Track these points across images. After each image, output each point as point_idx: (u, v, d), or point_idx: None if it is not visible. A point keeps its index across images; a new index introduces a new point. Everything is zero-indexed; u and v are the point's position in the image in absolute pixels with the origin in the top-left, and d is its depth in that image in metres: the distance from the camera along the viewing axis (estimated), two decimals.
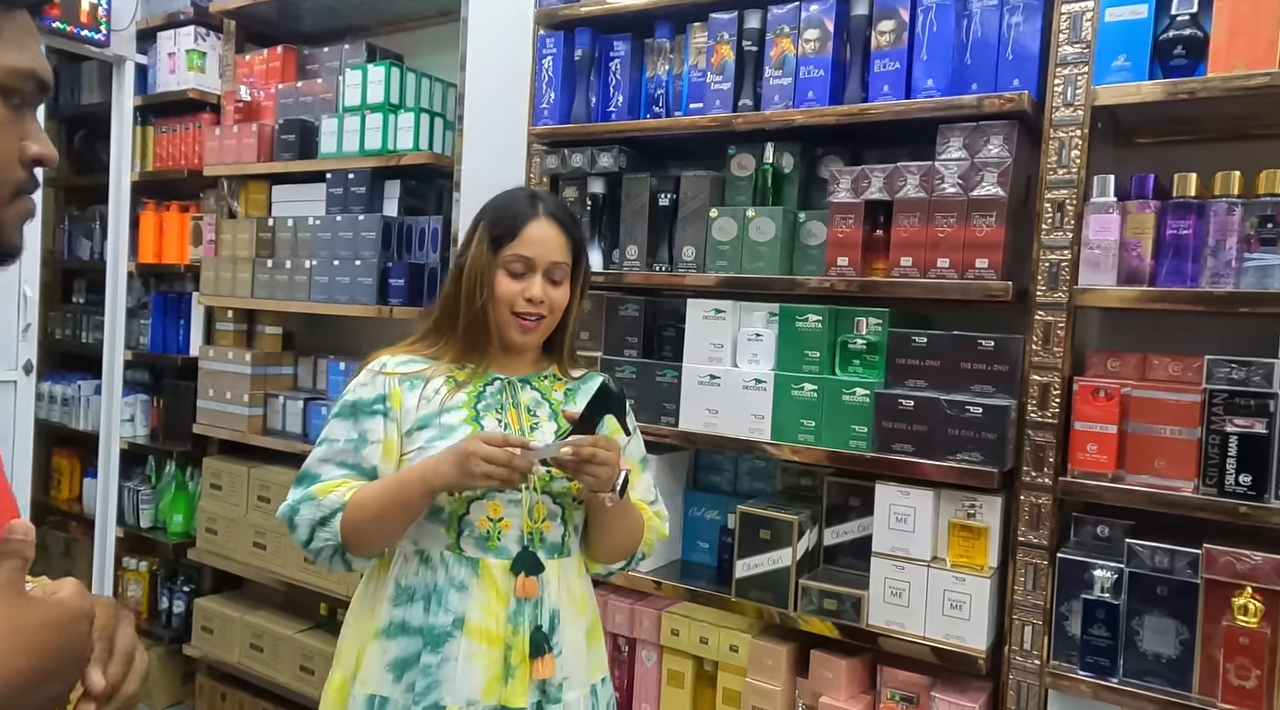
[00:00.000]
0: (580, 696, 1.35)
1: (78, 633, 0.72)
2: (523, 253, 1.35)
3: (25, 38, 0.73)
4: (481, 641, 1.28)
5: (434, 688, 1.27)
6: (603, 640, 1.47)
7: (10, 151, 0.73)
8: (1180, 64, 1.47)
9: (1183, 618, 1.48)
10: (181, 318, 3.34)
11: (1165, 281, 1.50)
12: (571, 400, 1.42)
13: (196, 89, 3.21)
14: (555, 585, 1.33)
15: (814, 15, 1.80)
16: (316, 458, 1.35)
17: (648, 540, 1.49)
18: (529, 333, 1.37)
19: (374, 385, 1.36)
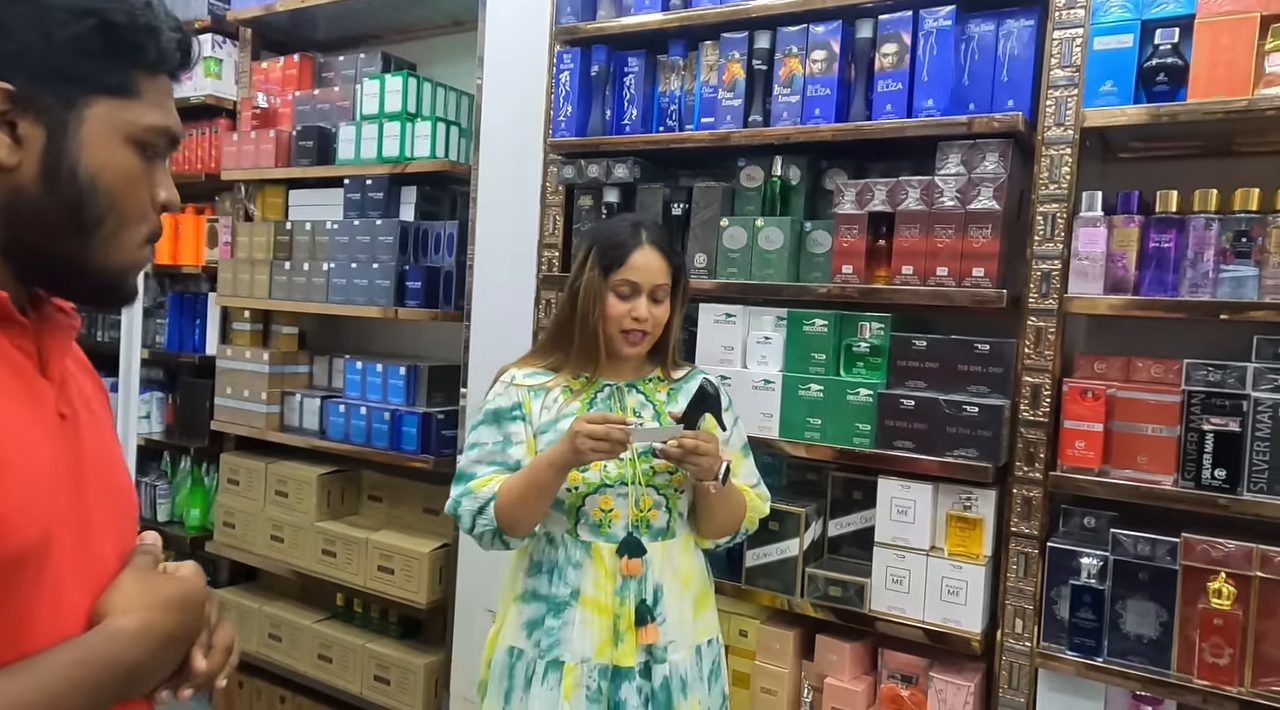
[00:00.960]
0: (686, 656, 1.56)
1: (202, 606, 0.84)
2: (630, 278, 1.55)
3: (163, 98, 0.83)
4: (594, 611, 1.52)
5: (555, 646, 1.52)
6: (712, 606, 1.66)
7: (145, 199, 0.82)
8: (1163, 89, 1.59)
9: (1162, 601, 1.60)
10: (197, 317, 3.43)
11: (1148, 290, 1.62)
12: (674, 400, 1.63)
13: (213, 95, 3.29)
14: (659, 564, 1.55)
15: (821, 37, 1.91)
16: (469, 460, 1.59)
17: (750, 518, 1.67)
18: (635, 346, 1.59)
19: (509, 395, 1.60)
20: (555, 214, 2.30)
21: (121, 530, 0.87)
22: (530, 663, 1.54)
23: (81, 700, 0.72)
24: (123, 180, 0.79)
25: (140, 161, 0.81)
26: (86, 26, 0.75)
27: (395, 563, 2.71)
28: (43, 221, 0.76)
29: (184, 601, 0.82)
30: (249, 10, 3.15)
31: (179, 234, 3.48)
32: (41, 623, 0.74)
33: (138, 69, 0.79)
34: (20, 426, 0.73)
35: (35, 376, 0.78)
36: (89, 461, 0.83)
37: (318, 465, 2.97)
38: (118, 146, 0.78)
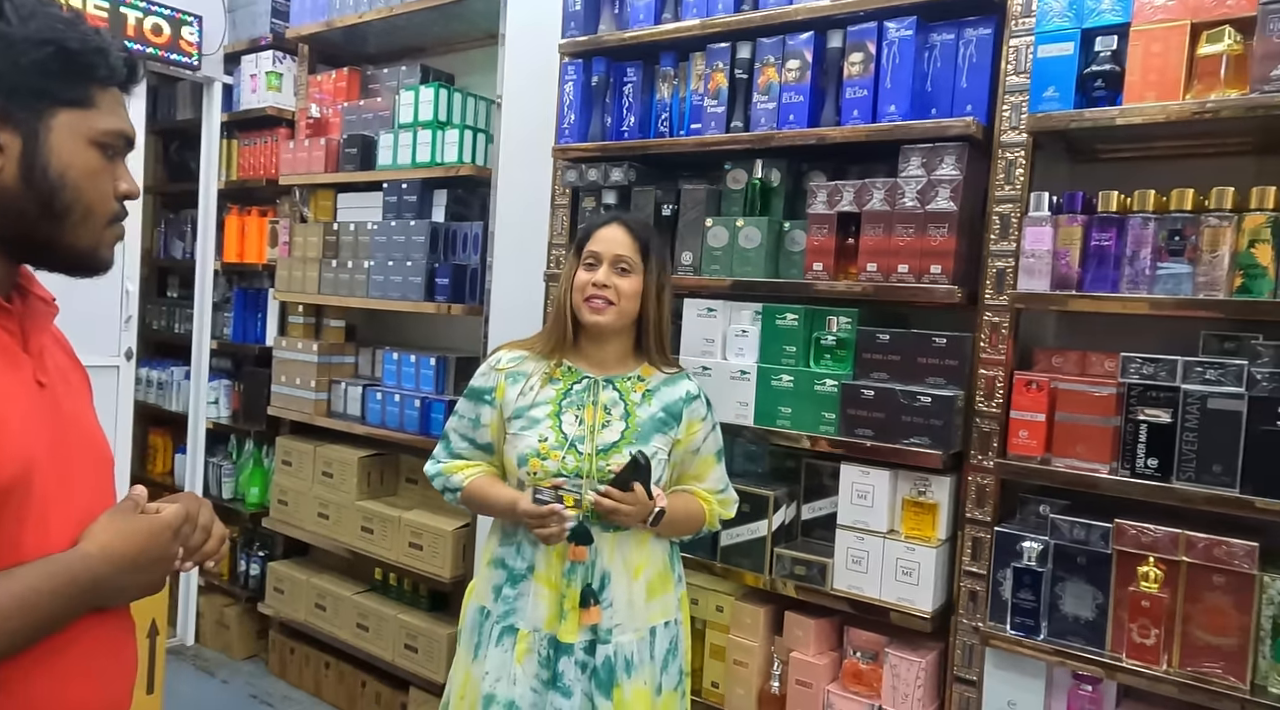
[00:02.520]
0: (634, 639, 1.66)
1: (163, 538, 1.02)
2: (592, 249, 1.69)
3: (116, 107, 1.01)
4: (545, 586, 1.64)
5: (511, 613, 1.66)
6: (671, 591, 1.74)
7: (107, 190, 1.00)
8: (1101, 94, 1.66)
9: (1098, 584, 1.67)
10: (259, 311, 3.73)
11: (1090, 287, 1.69)
12: (648, 402, 1.71)
13: (274, 106, 3.58)
14: (608, 553, 1.65)
15: (795, 47, 2.02)
16: (451, 424, 1.79)
17: (710, 522, 1.79)
18: (598, 313, 1.66)
19: (489, 377, 1.75)
20: (562, 215, 2.48)
21: (99, 480, 1.05)
22: (493, 624, 1.68)
23: (46, 603, 0.91)
24: (86, 175, 0.96)
25: (101, 159, 0.98)
26: (47, 53, 0.92)
27: (424, 540, 2.92)
28: (22, 212, 0.93)
29: (146, 532, 0.99)
30: (307, 27, 3.42)
31: (245, 234, 3.79)
32: (29, 551, 0.92)
33: (93, 84, 0.96)
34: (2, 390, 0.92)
35: (17, 351, 0.97)
36: (66, 422, 1.01)
37: (360, 449, 3.22)
38: (81, 148, 0.95)
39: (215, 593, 3.84)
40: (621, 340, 1.73)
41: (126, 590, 1.00)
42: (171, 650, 3.80)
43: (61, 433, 0.99)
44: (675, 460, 1.74)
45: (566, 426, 1.65)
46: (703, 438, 1.76)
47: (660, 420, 1.70)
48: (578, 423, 1.66)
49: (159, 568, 1.02)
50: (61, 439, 0.99)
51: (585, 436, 1.65)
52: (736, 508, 1.85)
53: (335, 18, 3.30)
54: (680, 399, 1.74)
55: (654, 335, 1.73)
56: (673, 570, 1.76)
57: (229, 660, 3.68)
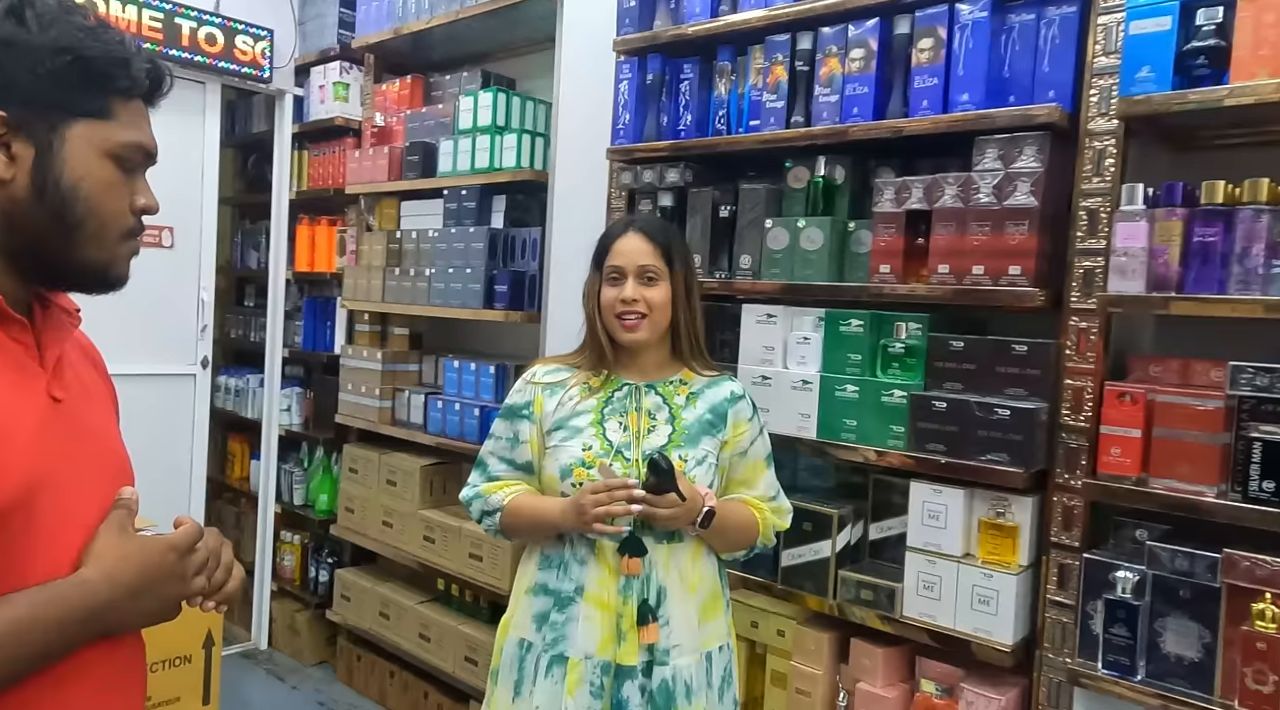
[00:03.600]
0: (692, 661, 1.55)
1: (166, 560, 0.96)
2: (615, 263, 1.60)
3: (138, 119, 0.97)
4: (597, 607, 1.53)
5: (560, 640, 1.53)
6: (725, 613, 1.65)
7: (123, 204, 0.96)
8: (1203, 73, 1.48)
9: (1205, 621, 1.49)
10: (328, 319, 3.76)
11: (1192, 288, 1.52)
12: (693, 404, 1.62)
13: (341, 116, 3.61)
14: (663, 566, 1.54)
15: (859, 35, 1.89)
16: (487, 448, 1.69)
17: (765, 533, 1.67)
18: (632, 331, 1.58)
19: (524, 393, 1.66)
20: (618, 218, 2.39)
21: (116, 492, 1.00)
22: (538, 656, 1.55)
23: (42, 633, 0.86)
24: (101, 189, 0.92)
25: (118, 172, 0.94)
26: (64, 62, 0.89)
27: (484, 550, 2.87)
28: (34, 224, 0.90)
29: (145, 555, 0.95)
30: (372, 37, 3.43)
31: (315, 244, 3.83)
32: (38, 567, 0.88)
33: (112, 95, 0.93)
34: (9, 406, 0.88)
35: (30, 363, 0.93)
36: (82, 437, 0.97)
37: (423, 457, 3.20)
38: (96, 160, 0.92)
39: (287, 598, 3.88)
40: (659, 349, 1.65)
41: (130, 618, 0.95)
42: (245, 654, 3.86)
43: (76, 448, 0.95)
44: (723, 464, 1.63)
45: (611, 433, 1.56)
46: (750, 440, 1.65)
47: (707, 422, 1.61)
48: (622, 429, 1.57)
49: (166, 593, 0.97)
50: (76, 454, 0.95)
51: (631, 442, 1.56)
52: (791, 517, 1.73)
53: (398, 26, 3.29)
54: (725, 399, 1.64)
55: (688, 339, 1.64)
56: (723, 593, 1.66)
57: (299, 666, 3.72)
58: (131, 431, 3.58)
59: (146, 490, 3.28)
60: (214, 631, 2.16)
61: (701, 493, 1.51)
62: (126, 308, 3.45)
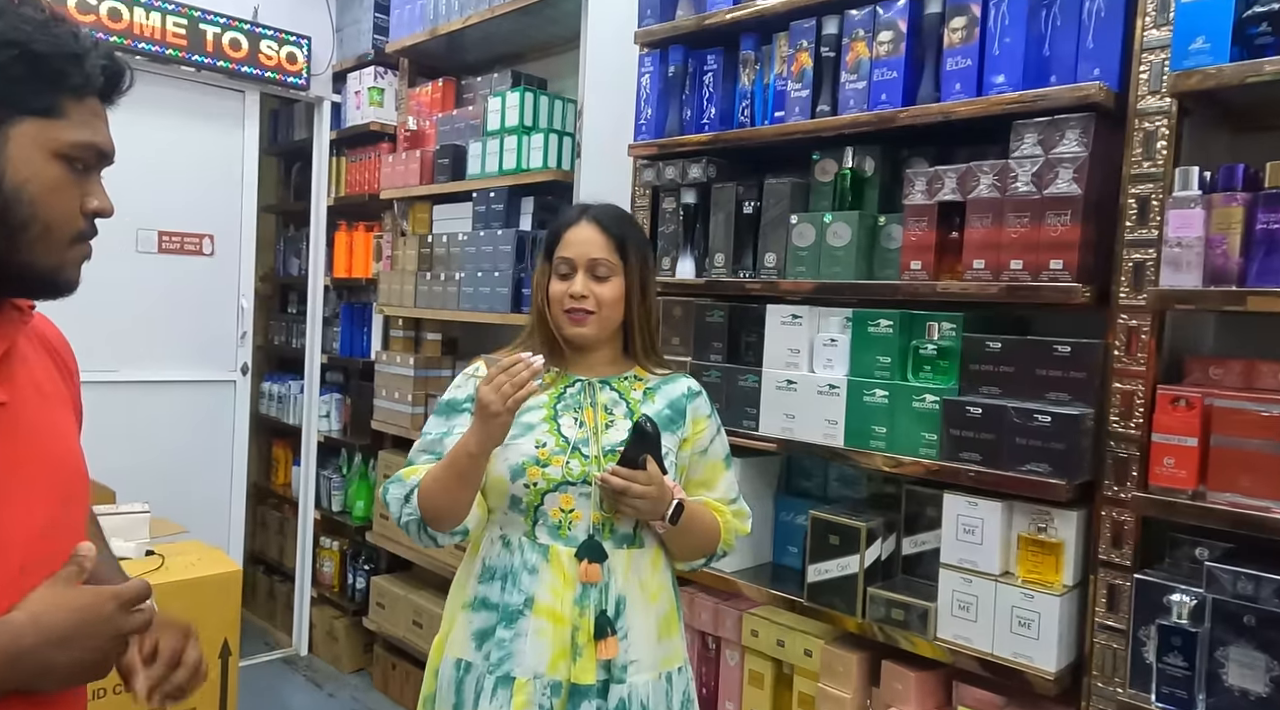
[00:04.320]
0: (650, 680, 1.42)
1: (104, 609, 0.90)
2: (565, 255, 1.46)
3: (91, 118, 0.91)
4: (549, 620, 1.38)
5: (506, 659, 1.38)
6: (681, 632, 1.52)
7: (72, 206, 0.91)
8: (1267, 42, 1.33)
9: (1274, 651, 1.33)
10: (365, 325, 3.75)
11: (1256, 281, 1.37)
12: (650, 399, 1.50)
13: (376, 122, 3.60)
14: (623, 573, 1.41)
15: (888, 17, 1.78)
16: (415, 449, 1.50)
17: (726, 539, 1.54)
18: (580, 325, 1.45)
19: (465, 387, 1.50)
20: (642, 217, 2.30)
21: (62, 496, 0.96)
22: (480, 677, 1.40)
23: None
24: (48, 190, 0.88)
25: (67, 174, 0.90)
26: (10, 56, 0.84)
27: None
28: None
29: (81, 606, 0.88)
30: (404, 40, 3.41)
31: (352, 250, 3.83)
32: None
33: (63, 93, 0.88)
34: None
35: None
36: (27, 439, 0.92)
37: None
38: (44, 161, 0.87)
39: (326, 604, 3.88)
40: (610, 346, 1.52)
41: (55, 669, 0.87)
42: (286, 660, 3.87)
43: (18, 450, 0.91)
44: (682, 463, 1.51)
45: (566, 429, 1.43)
46: (709, 438, 1.54)
47: (667, 418, 1.49)
48: (578, 425, 1.44)
49: (99, 645, 0.90)
50: (16, 457, 0.90)
51: (589, 438, 1.43)
52: (751, 522, 1.59)
53: (432, 28, 3.26)
54: (682, 395, 1.53)
55: (641, 337, 1.52)
56: (678, 613, 1.53)
57: (337, 673, 3.70)
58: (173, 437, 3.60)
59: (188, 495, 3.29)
60: (230, 641, 2.13)
61: (669, 485, 1.40)
62: (168, 315, 3.52)
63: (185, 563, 2.12)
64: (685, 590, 2.12)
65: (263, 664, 3.81)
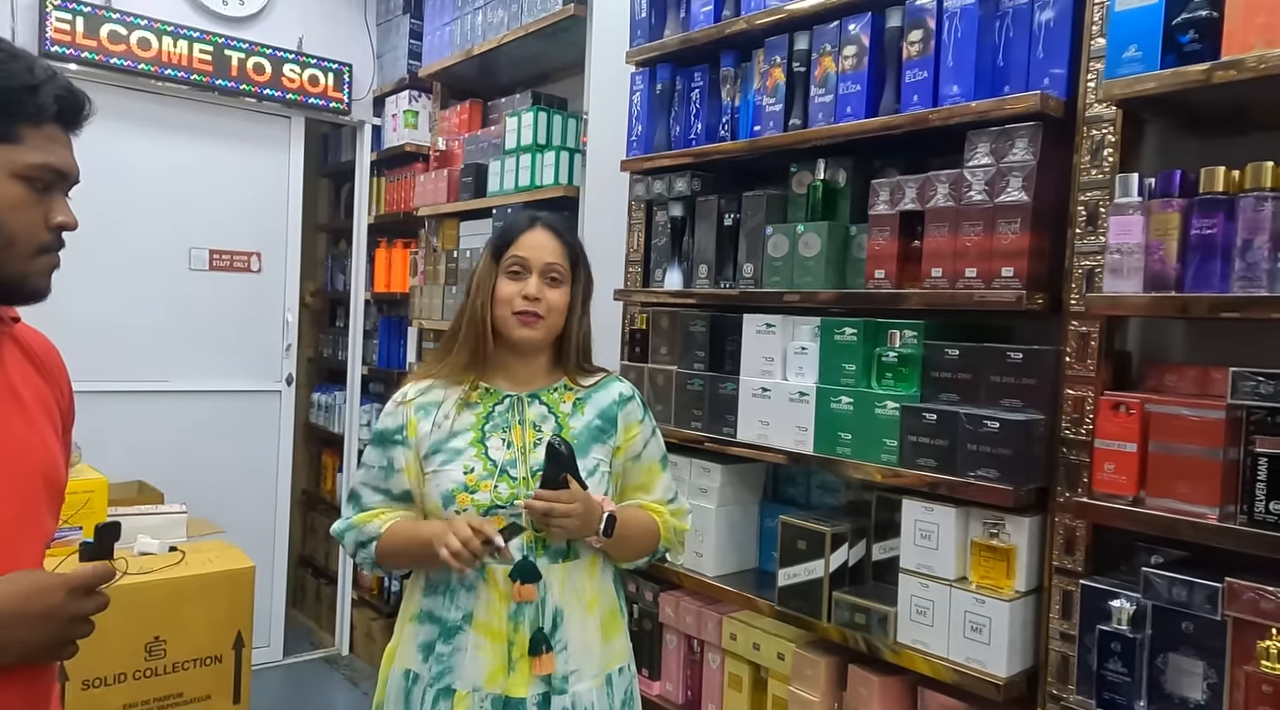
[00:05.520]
0: (593, 686, 1.47)
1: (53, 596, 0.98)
2: (519, 255, 1.49)
3: (49, 143, 1.02)
4: (486, 636, 1.42)
5: (447, 673, 1.43)
6: (624, 632, 1.57)
7: (35, 221, 1.02)
8: (1194, 49, 1.33)
9: (1210, 659, 1.32)
10: (401, 337, 3.91)
11: (1192, 286, 1.36)
12: (580, 411, 1.54)
13: (411, 142, 3.77)
14: (559, 587, 1.45)
15: (853, 32, 1.82)
16: (359, 479, 1.55)
17: (667, 537, 1.59)
18: (530, 328, 1.48)
19: (395, 416, 1.53)
20: (638, 230, 2.38)
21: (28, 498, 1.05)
22: (424, 688, 1.45)
23: None
24: (9, 208, 0.98)
25: (28, 192, 1.00)
26: None
27: None
28: None
29: (21, 591, 0.97)
30: (435, 64, 3.57)
31: (391, 265, 4.00)
32: None
33: (18, 120, 0.99)
34: None
35: None
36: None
37: None
38: (4, 181, 0.98)
39: (366, 606, 4.04)
40: (544, 354, 1.56)
41: (8, 647, 0.96)
42: (328, 659, 4.04)
43: None
44: (617, 471, 1.55)
45: (493, 452, 1.46)
46: (643, 443, 1.57)
47: (597, 428, 1.53)
48: (505, 446, 1.47)
49: (49, 627, 0.98)
50: None
51: (516, 459, 1.47)
52: (691, 518, 1.62)
53: (464, 50, 3.40)
54: (614, 402, 1.56)
55: (576, 346, 1.56)
56: (621, 611, 1.56)
57: (375, 672, 3.84)
58: (222, 444, 3.85)
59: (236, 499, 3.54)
60: (244, 633, 2.27)
61: (598, 500, 1.44)
62: (217, 329, 3.73)
63: (203, 559, 2.27)
64: (670, 595, 2.18)
65: (306, 662, 3.99)
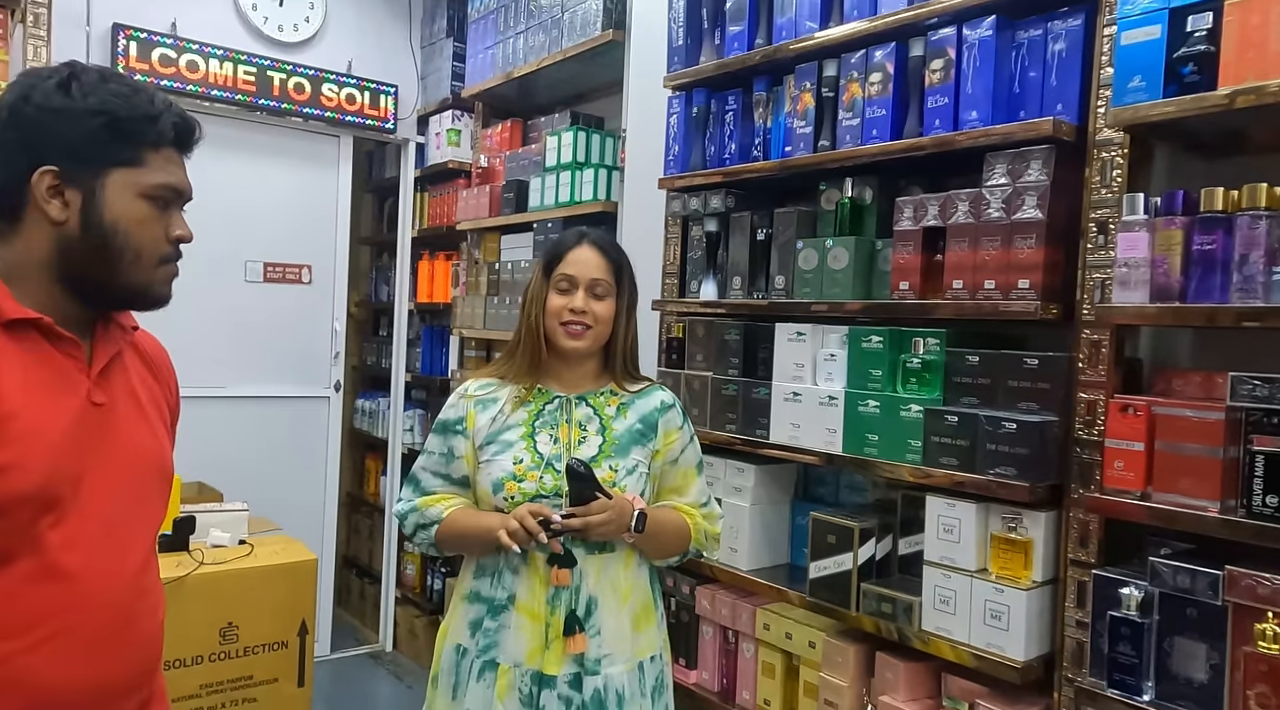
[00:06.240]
0: (624, 671, 1.59)
1: None
2: (567, 272, 1.64)
3: (168, 164, 1.12)
4: (527, 617, 1.56)
5: (492, 647, 1.57)
6: (657, 624, 1.69)
7: (158, 235, 1.12)
8: (1193, 80, 1.45)
9: (1212, 641, 1.43)
10: (443, 346, 4.08)
11: (1194, 297, 1.48)
12: (624, 415, 1.67)
13: (454, 160, 3.94)
14: (594, 577, 1.58)
15: (878, 60, 1.95)
16: (420, 465, 1.70)
17: (697, 539, 1.71)
18: (576, 339, 1.62)
19: (457, 408, 1.68)
20: (674, 244, 2.52)
21: (144, 490, 1.16)
22: (472, 660, 1.58)
23: None
24: (136, 223, 1.10)
25: (152, 209, 1.11)
26: (100, 122, 1.06)
27: None
28: (84, 256, 1.08)
29: None
30: (477, 85, 3.74)
31: (433, 277, 4.17)
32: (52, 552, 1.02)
33: (142, 146, 1.09)
34: (44, 410, 1.03)
35: (75, 374, 1.08)
36: (118, 438, 1.11)
37: None
38: (132, 200, 1.09)
39: (409, 604, 4.20)
40: (592, 360, 1.69)
41: None
42: (372, 655, 4.20)
43: (107, 447, 1.10)
44: (655, 473, 1.68)
45: (541, 446, 1.60)
46: (680, 448, 1.70)
47: (638, 432, 1.66)
48: (552, 442, 1.61)
49: None
50: (107, 453, 1.09)
51: (561, 454, 1.60)
52: (722, 522, 1.75)
53: (505, 72, 3.56)
54: (655, 409, 1.69)
55: (622, 355, 1.69)
56: (656, 604, 1.68)
57: (417, 667, 4.00)
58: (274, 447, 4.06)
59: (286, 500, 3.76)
60: (307, 622, 2.43)
61: (629, 498, 1.55)
62: (270, 337, 3.92)
63: (270, 551, 2.43)
64: (706, 588, 2.31)
65: (351, 657, 4.15)
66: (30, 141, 1.06)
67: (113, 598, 1.09)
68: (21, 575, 1.01)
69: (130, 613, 1.12)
